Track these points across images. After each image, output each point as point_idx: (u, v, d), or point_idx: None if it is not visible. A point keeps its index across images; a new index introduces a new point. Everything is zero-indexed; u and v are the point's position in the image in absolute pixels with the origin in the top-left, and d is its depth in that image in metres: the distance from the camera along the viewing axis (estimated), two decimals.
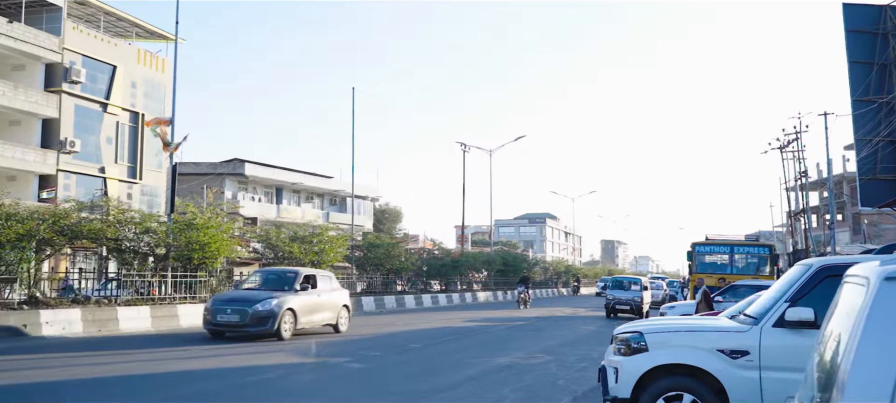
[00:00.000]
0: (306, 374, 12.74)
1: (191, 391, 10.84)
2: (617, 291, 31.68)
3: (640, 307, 30.47)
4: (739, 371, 7.39)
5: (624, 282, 33.05)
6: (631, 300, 30.74)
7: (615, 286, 32.70)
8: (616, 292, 31.54)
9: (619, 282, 33.23)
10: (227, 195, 57.26)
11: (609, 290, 32.24)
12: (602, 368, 8.40)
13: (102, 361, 13.68)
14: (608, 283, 33.24)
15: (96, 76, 44.32)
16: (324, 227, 32.86)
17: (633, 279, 33.69)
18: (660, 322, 8.93)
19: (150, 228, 21.76)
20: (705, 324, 8.31)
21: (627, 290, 31.70)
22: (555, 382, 12.64)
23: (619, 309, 30.59)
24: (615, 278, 35.33)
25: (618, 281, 33.36)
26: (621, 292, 31.50)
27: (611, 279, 34.17)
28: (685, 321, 9.04)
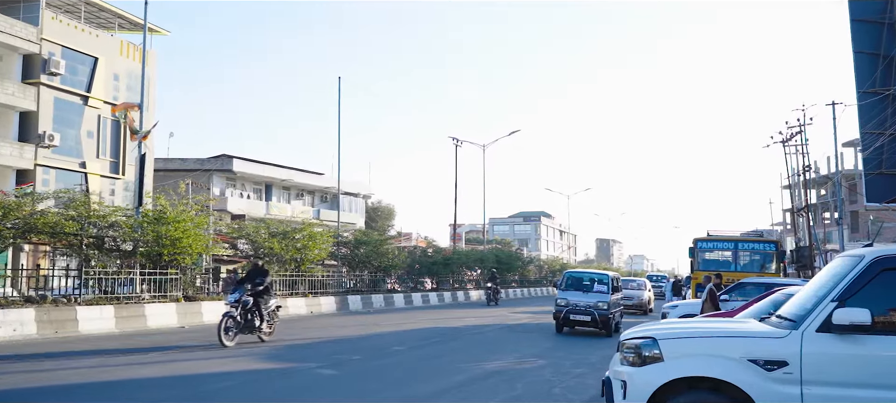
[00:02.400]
0: (270, 382, 11.34)
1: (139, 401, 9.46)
2: (572, 294, 21.51)
3: (607, 317, 20.91)
4: (775, 385, 6.04)
5: (583, 280, 22.38)
6: (592, 307, 20.90)
7: (571, 285, 21.95)
8: (571, 295, 21.44)
9: (577, 280, 22.33)
10: (214, 192, 55.93)
11: (560, 291, 21.83)
12: (606, 381, 7.03)
13: (47, 367, 12.27)
14: (566, 279, 22.33)
15: (76, 68, 42.87)
16: (306, 223, 31.40)
17: (596, 275, 23.02)
18: (676, 325, 7.54)
19: (115, 222, 20.32)
20: (733, 328, 6.95)
21: (587, 292, 21.66)
22: (550, 390, 11.30)
23: (575, 319, 21.10)
24: (571, 274, 23.28)
25: (574, 279, 22.37)
26: (579, 295, 21.42)
27: (567, 275, 22.94)
28: (707, 324, 7.64)
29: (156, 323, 19.49)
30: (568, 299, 21.15)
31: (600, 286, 21.77)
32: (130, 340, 16.57)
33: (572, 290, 21.55)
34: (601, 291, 21.56)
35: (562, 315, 21.10)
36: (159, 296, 20.87)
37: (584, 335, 21.69)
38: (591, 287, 21.85)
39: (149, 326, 19.22)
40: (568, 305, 21.01)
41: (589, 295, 21.33)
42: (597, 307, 20.75)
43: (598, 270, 27.93)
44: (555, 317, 21.48)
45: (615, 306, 21.93)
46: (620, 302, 23.63)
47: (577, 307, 20.88)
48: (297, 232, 29.19)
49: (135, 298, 19.94)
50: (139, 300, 19.96)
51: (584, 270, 26.02)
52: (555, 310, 21.51)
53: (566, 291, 21.53)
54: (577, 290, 21.57)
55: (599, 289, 21.63)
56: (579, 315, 20.84)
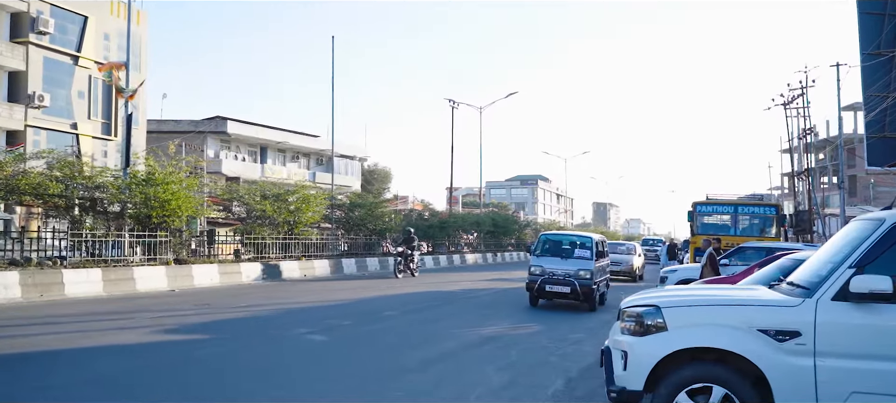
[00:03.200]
0: (256, 349, 10.96)
1: (109, 370, 9.06)
2: (549, 260, 18.29)
3: (590, 287, 17.73)
4: (787, 357, 5.65)
5: (562, 244, 19.21)
6: (572, 276, 17.72)
7: (547, 251, 18.80)
8: (547, 261, 18.22)
9: (554, 244, 19.14)
10: (209, 154, 55.42)
11: (535, 258, 18.67)
12: (605, 350, 6.63)
13: (30, 332, 11.88)
14: (541, 243, 19.22)
15: (66, 27, 42.15)
16: (299, 185, 30.91)
17: (577, 238, 19.60)
18: (681, 292, 7.11)
19: (101, 183, 19.82)
20: (741, 296, 6.53)
21: (567, 258, 18.38)
22: (546, 359, 10.92)
23: (551, 291, 17.90)
24: (548, 237, 19.80)
25: (552, 243, 19.15)
26: (557, 262, 18.17)
27: (543, 238, 19.68)
28: (714, 291, 7.22)
29: (145, 287, 19.10)
30: (543, 266, 17.91)
31: (582, 251, 18.34)
32: (116, 303, 16.20)
33: (549, 256, 18.34)
34: (583, 257, 18.08)
35: (536, 285, 17.84)
36: (149, 259, 20.46)
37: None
38: (571, 252, 18.47)
39: (138, 290, 18.83)
40: (543, 274, 17.78)
41: (568, 262, 17.98)
42: (578, 276, 17.55)
43: (579, 232, 23.09)
44: (528, 288, 18.15)
45: (600, 274, 18.76)
46: (606, 270, 20.56)
47: (555, 276, 17.70)
48: (291, 194, 28.72)
49: (123, 261, 19.53)
50: (128, 263, 19.56)
51: (562, 232, 23.67)
52: (528, 280, 18.16)
53: (542, 257, 18.32)
54: (555, 256, 18.32)
55: (581, 255, 18.18)
56: (557, 286, 17.63)
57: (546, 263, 18.05)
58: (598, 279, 18.41)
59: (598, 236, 20.42)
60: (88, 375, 8.71)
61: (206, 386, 8.42)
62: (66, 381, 8.33)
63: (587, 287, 17.55)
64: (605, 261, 20.23)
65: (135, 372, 8.97)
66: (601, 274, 19.10)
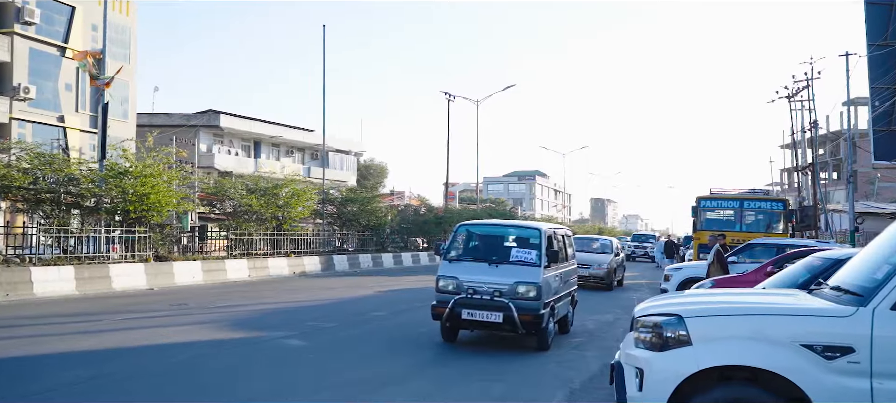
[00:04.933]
0: (222, 357, 9.94)
1: (51, 381, 8.07)
2: (468, 268, 11.25)
3: (537, 315, 10.67)
4: (837, 378, 4.68)
5: (492, 241, 12.13)
6: (507, 294, 10.73)
7: (469, 251, 11.87)
8: (465, 270, 11.21)
9: (481, 241, 12.18)
10: (201, 148, 54.48)
11: (446, 264, 11.47)
12: (616, 366, 5.64)
13: None
14: (459, 240, 11.95)
15: (53, 17, 41.06)
16: (287, 179, 29.90)
17: (517, 231, 12.32)
18: (705, 298, 6.09)
19: (73, 176, 18.80)
20: (780, 304, 5.55)
21: (500, 264, 11.18)
22: (545, 366, 9.95)
23: (472, 319, 10.86)
24: (469, 228, 12.42)
25: (476, 239, 12.27)
26: (482, 271, 11.09)
27: (461, 231, 12.16)
28: (745, 297, 6.20)
29: (122, 285, 18.11)
30: (459, 279, 10.91)
31: (525, 251, 11.24)
32: (85, 304, 15.19)
33: (470, 261, 11.35)
34: (525, 262, 11.03)
35: (447, 311, 10.78)
36: (127, 256, 19.45)
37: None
38: (506, 253, 11.34)
39: (114, 288, 17.84)
40: (459, 290, 10.81)
41: (501, 271, 10.89)
42: (516, 294, 10.57)
43: (523, 223, 14.64)
44: (435, 315, 11.11)
45: (557, 288, 11.73)
46: (571, 279, 13.42)
47: (477, 295, 10.69)
48: (280, 188, 27.73)
49: (98, 258, 18.51)
50: (103, 260, 18.54)
51: (493, 222, 14.38)
52: (435, 302, 11.08)
53: (458, 263, 11.31)
54: (480, 260, 11.26)
55: (522, 258, 11.12)
56: (481, 311, 10.63)
57: (464, 273, 10.96)
58: (554, 296, 11.40)
59: (554, 227, 12.63)
60: (24, 389, 7.71)
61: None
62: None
63: (532, 313, 10.50)
64: (568, 267, 12.95)
65: (72, 384, 7.96)
66: (561, 287, 12.11)
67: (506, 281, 10.72)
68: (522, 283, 10.68)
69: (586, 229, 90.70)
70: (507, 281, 10.71)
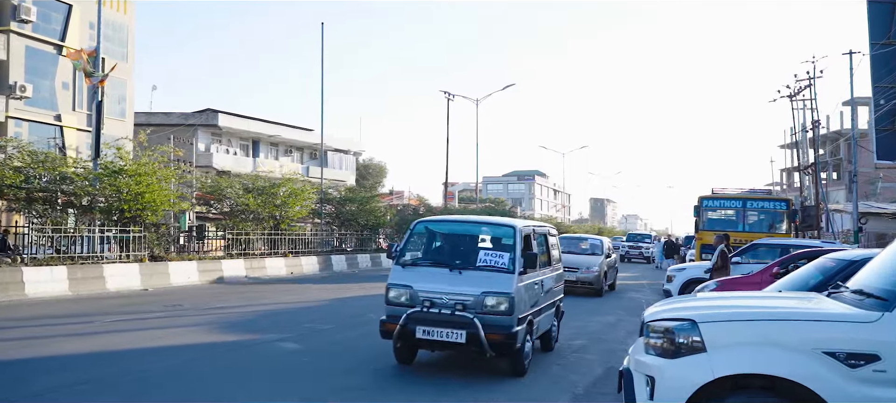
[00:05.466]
0: (215, 361, 9.65)
1: (40, 385, 7.79)
2: (425, 275, 9.14)
3: (510, 333, 8.57)
4: (862, 387, 4.39)
5: (456, 242, 9.96)
6: (473, 307, 8.63)
7: (430, 256, 9.71)
8: (422, 277, 9.09)
9: (447, 242, 10.02)
10: (199, 147, 54.23)
11: (398, 271, 9.25)
12: (625, 373, 5.35)
13: None
14: (415, 241, 9.88)
15: (49, 15, 40.73)
16: (285, 178, 29.61)
17: (489, 228, 10.14)
18: (719, 302, 5.80)
19: (66, 174, 18.50)
20: (798, 308, 5.26)
21: (464, 271, 9.01)
22: (547, 370, 9.66)
23: (430, 339, 8.77)
24: (429, 226, 10.09)
25: (437, 239, 10.05)
26: (442, 278, 8.98)
27: (418, 229, 9.89)
28: (762, 301, 5.91)
29: (116, 285, 17.82)
30: (414, 288, 8.94)
31: (495, 255, 9.23)
32: (77, 305, 14.90)
33: (429, 266, 9.37)
34: (496, 267, 9.06)
35: (398, 328, 8.81)
36: (122, 256, 19.16)
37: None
38: (473, 258, 9.29)
39: (108, 288, 17.55)
40: (413, 303, 8.86)
41: (466, 279, 8.90)
42: (484, 308, 8.64)
43: (494, 219, 11.31)
44: (384, 332, 9.14)
45: (539, 297, 9.85)
46: (556, 289, 11.25)
47: (437, 307, 8.72)
48: (277, 187, 27.44)
49: (92, 258, 18.22)
50: (97, 260, 18.25)
51: (458, 219, 12.38)
52: (385, 317, 9.15)
53: (414, 268, 9.33)
54: (440, 266, 9.28)
55: (492, 262, 9.12)
56: (439, 329, 8.69)
57: (420, 280, 8.97)
58: (532, 309, 9.42)
59: (533, 225, 10.57)
60: (7, 394, 7.43)
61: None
62: None
63: (503, 330, 8.53)
64: (552, 272, 10.89)
65: (57, 389, 7.68)
66: (543, 297, 10.09)
67: (471, 290, 8.66)
68: (491, 294, 8.62)
69: (586, 229, 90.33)
70: (472, 290, 8.65)
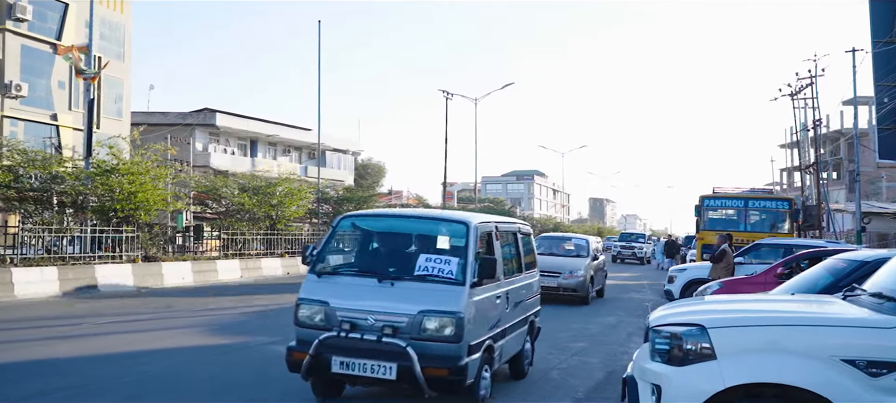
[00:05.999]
0: (211, 363, 9.38)
1: (37, 387, 7.51)
2: (349, 288, 6.99)
3: (458, 367, 6.46)
4: (884, 397, 4.12)
5: (397, 241, 7.84)
6: (406, 330, 6.53)
7: (362, 254, 7.86)
8: (342, 290, 6.96)
9: (383, 243, 7.87)
10: (197, 147, 54.00)
11: (313, 281, 7.12)
12: (629, 380, 5.07)
13: None
14: (338, 242, 7.87)
15: (45, 14, 40.46)
16: (281, 178, 29.34)
17: (434, 225, 7.95)
18: (729, 306, 5.52)
19: (57, 174, 18.23)
20: (813, 313, 4.98)
21: (400, 281, 6.88)
22: (547, 374, 9.38)
23: (353, 374, 6.64)
24: (358, 222, 8.03)
25: (379, 240, 7.92)
26: (370, 292, 6.85)
27: (343, 227, 7.76)
28: (774, 304, 5.62)
29: (108, 284, 17.52)
30: (331, 305, 6.87)
31: (439, 261, 7.04)
32: (67, 306, 14.60)
33: (351, 276, 7.31)
34: (440, 277, 6.90)
35: (309, 357, 6.68)
36: (114, 257, 18.88)
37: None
38: (412, 265, 7.10)
39: (100, 289, 17.25)
40: (330, 325, 6.80)
41: (400, 293, 6.82)
42: (422, 333, 6.56)
43: (442, 213, 9.73)
44: (291, 361, 7.03)
45: (502, 315, 7.68)
46: (530, 298, 9.10)
47: (359, 331, 6.65)
48: (274, 186, 27.19)
49: (84, 258, 17.92)
50: (89, 260, 17.96)
51: (394, 213, 11.43)
52: (294, 343, 7.10)
53: (332, 280, 7.22)
54: (370, 274, 7.12)
55: (435, 271, 6.95)
56: (364, 360, 6.59)
57: (340, 295, 6.96)
58: (492, 331, 7.32)
59: (497, 221, 8.28)
60: None
61: None
62: None
63: (447, 363, 6.54)
64: (522, 281, 8.69)
65: (40, 396, 7.40)
66: (508, 313, 7.92)
67: (405, 309, 6.51)
68: (432, 314, 6.45)
69: (585, 229, 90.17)
70: (406, 309, 6.51)
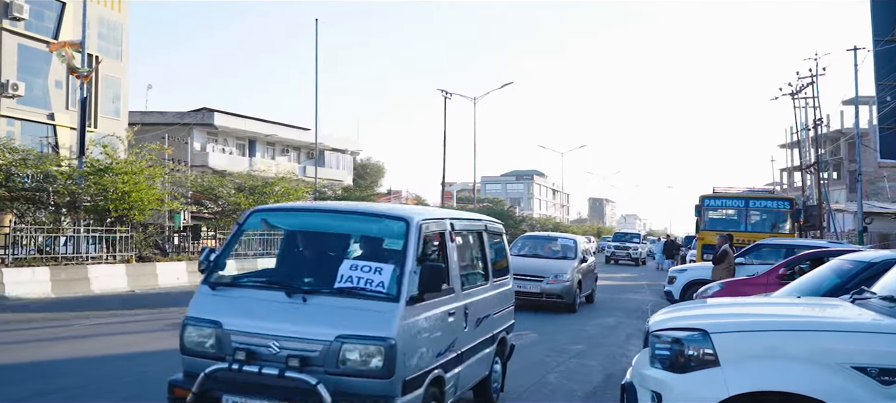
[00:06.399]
0: None
1: (17, 392, 7.31)
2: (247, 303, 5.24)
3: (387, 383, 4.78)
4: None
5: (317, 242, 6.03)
6: (319, 355, 4.83)
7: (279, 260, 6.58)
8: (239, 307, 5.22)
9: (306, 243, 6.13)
10: (195, 146, 53.80)
11: (206, 287, 5.45)
12: (628, 387, 4.86)
13: None
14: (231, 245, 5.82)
15: (42, 13, 40.24)
16: (278, 177, 29.13)
17: (371, 224, 5.89)
18: (733, 310, 5.31)
19: (49, 173, 18.04)
20: (820, 317, 4.78)
21: (316, 298, 5.12)
22: (544, 377, 9.18)
23: None
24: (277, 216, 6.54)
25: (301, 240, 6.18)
26: (275, 311, 5.08)
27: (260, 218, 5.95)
28: (780, 308, 5.41)
29: (101, 287, 17.30)
30: (224, 326, 5.13)
31: (367, 272, 5.17)
32: (61, 307, 14.38)
33: (254, 289, 5.53)
34: (368, 293, 5.11)
35: (191, 395, 5.05)
36: (107, 257, 18.68)
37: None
38: (332, 275, 5.25)
39: (93, 290, 17.03)
40: (222, 352, 5.10)
41: (313, 312, 5.04)
42: (341, 365, 4.85)
43: (375, 207, 6.67)
44: (172, 399, 5.30)
45: (457, 339, 5.92)
46: (498, 312, 7.29)
47: (259, 362, 4.92)
48: (270, 186, 27.00)
49: (77, 258, 17.71)
50: (82, 260, 17.75)
51: (314, 206, 7.52)
52: (178, 378, 5.40)
53: (230, 293, 5.41)
54: (273, 288, 5.41)
55: (363, 283, 5.13)
56: (260, 399, 4.88)
57: (238, 315, 5.20)
58: (441, 359, 5.61)
59: (452, 217, 6.49)
60: None
61: None
62: None
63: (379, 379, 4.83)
64: (492, 291, 7.14)
65: (19, 402, 7.20)
66: (466, 335, 6.21)
67: (319, 332, 4.88)
68: (354, 340, 4.81)
69: (585, 229, 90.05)
70: (321, 332, 4.87)
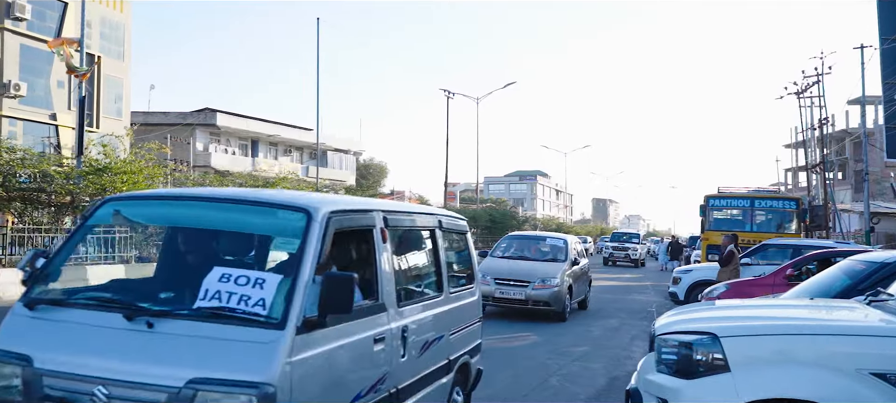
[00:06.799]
0: None
1: None
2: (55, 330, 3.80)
3: None
4: None
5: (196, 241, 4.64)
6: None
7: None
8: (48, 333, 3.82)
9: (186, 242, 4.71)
10: (198, 147, 53.73)
11: (22, 307, 4.05)
12: (633, 393, 4.65)
13: None
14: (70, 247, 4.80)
15: (44, 13, 40.24)
16: (278, 177, 28.95)
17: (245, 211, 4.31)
18: (744, 313, 5.09)
19: (47, 172, 17.89)
20: (835, 320, 4.56)
21: (166, 322, 3.61)
22: (546, 380, 8.97)
23: None
24: (130, 205, 4.84)
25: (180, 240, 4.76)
26: (93, 342, 3.65)
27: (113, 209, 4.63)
28: (791, 310, 5.20)
29: None
30: (32, 367, 3.66)
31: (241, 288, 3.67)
32: None
33: (90, 309, 3.98)
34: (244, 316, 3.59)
35: None
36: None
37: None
38: (194, 290, 3.76)
39: None
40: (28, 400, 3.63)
41: (160, 346, 3.58)
42: None
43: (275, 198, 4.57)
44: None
45: (388, 366, 4.44)
46: (456, 331, 5.70)
47: None
48: (271, 186, 26.82)
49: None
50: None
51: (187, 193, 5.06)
52: None
53: (53, 315, 3.96)
54: (109, 308, 3.95)
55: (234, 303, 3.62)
56: None
57: (55, 347, 3.73)
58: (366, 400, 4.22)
59: (383, 208, 4.98)
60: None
61: None
62: None
63: None
64: (447, 306, 5.54)
65: None
66: (408, 365, 4.77)
67: (165, 373, 3.47)
68: (215, 386, 3.40)
69: (588, 229, 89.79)
70: (168, 373, 3.47)
